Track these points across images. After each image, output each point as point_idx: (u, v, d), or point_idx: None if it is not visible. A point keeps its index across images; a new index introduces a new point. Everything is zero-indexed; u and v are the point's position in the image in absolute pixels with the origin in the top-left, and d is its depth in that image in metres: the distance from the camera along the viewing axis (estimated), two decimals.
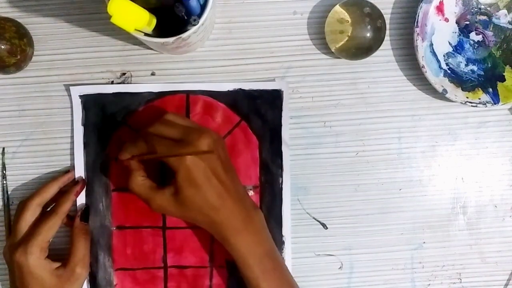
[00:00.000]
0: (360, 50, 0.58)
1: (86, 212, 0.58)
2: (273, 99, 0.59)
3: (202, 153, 0.50)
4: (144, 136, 0.52)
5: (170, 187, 0.51)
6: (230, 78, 0.59)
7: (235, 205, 0.52)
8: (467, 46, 0.60)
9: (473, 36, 0.60)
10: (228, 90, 0.59)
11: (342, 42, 0.58)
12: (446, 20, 0.59)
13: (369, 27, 0.58)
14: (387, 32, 0.59)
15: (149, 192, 0.52)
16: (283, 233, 0.59)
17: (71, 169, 0.58)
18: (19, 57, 0.55)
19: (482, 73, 0.60)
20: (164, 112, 0.57)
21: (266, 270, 0.52)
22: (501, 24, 0.60)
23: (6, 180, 0.59)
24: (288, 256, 0.59)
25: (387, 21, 0.59)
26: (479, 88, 0.59)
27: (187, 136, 0.50)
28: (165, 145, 0.50)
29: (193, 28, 0.47)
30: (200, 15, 0.47)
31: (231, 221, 0.52)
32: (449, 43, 0.60)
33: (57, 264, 0.55)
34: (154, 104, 0.59)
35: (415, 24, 0.57)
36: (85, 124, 0.58)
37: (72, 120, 0.58)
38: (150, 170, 0.54)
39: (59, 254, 0.56)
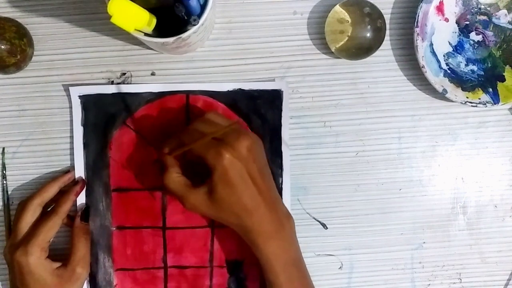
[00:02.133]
0: (360, 50, 0.58)
1: (86, 212, 0.58)
2: (273, 99, 0.59)
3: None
4: (184, 132, 0.52)
5: (205, 186, 0.51)
6: (230, 78, 0.59)
7: (268, 210, 0.52)
8: (467, 46, 0.60)
9: (473, 36, 0.60)
10: (228, 90, 0.59)
11: (342, 42, 0.58)
12: (446, 20, 0.59)
13: (369, 27, 0.58)
14: (387, 32, 0.59)
15: (184, 190, 0.52)
16: None
17: (71, 169, 0.58)
18: (19, 57, 0.55)
19: (482, 73, 0.60)
20: (165, 112, 0.57)
21: (291, 278, 0.52)
22: (501, 24, 0.60)
23: (6, 180, 0.59)
24: None
25: (387, 21, 0.59)
26: (479, 88, 0.59)
27: (227, 137, 0.50)
28: (204, 142, 0.50)
29: (193, 28, 0.47)
30: (200, 15, 0.47)
31: (263, 226, 0.52)
32: (449, 43, 0.60)
33: (58, 264, 0.55)
34: (154, 104, 0.59)
35: (415, 24, 0.57)
36: (85, 124, 0.58)
37: (71, 120, 0.58)
38: (186, 171, 0.54)
39: (60, 254, 0.56)
